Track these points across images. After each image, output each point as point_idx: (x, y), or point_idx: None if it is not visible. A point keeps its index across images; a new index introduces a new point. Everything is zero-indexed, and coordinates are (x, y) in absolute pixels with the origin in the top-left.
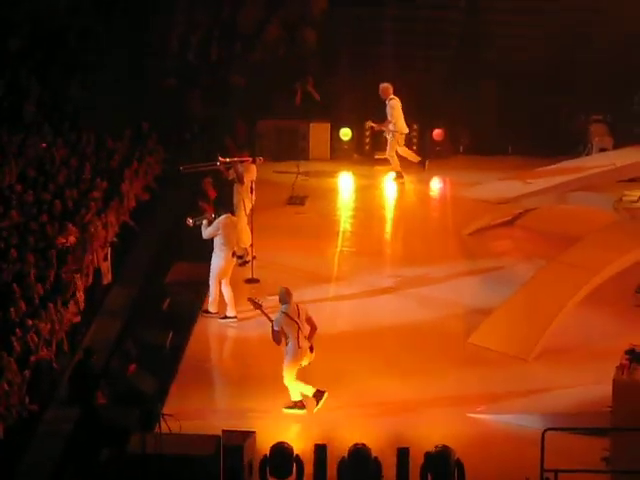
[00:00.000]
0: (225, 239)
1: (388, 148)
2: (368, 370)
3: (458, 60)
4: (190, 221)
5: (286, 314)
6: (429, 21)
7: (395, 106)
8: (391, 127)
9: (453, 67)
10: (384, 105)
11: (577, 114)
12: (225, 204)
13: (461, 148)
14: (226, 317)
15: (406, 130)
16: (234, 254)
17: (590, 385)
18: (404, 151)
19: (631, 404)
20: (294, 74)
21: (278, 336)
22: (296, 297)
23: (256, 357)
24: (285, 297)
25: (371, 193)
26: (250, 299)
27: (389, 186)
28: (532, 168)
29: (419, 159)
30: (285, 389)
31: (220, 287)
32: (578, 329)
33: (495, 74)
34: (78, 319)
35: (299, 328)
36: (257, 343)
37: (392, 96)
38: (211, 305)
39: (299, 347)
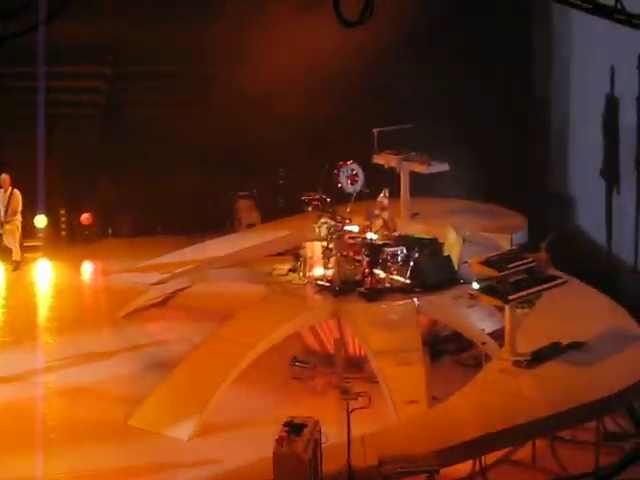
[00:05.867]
0: None
1: (13, 238)
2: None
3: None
4: None
5: None
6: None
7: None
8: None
9: (99, 150)
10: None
11: (225, 192)
12: None
13: (110, 230)
14: None
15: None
16: None
17: (251, 459)
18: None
19: (291, 475)
20: None
21: None
22: None
23: None
24: None
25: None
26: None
27: (31, 275)
28: (182, 247)
29: (19, 260)
30: None
31: None
32: (237, 404)
33: (137, 157)
34: None
35: None
36: None
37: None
38: None
39: None
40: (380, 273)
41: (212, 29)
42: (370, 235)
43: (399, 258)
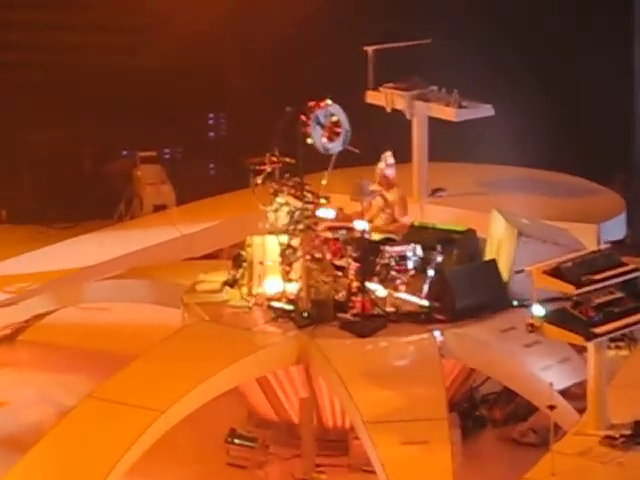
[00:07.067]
0: None
1: None
2: None
3: None
4: None
5: None
6: None
7: None
8: None
9: None
10: None
11: (117, 151)
12: None
13: None
14: None
15: None
16: None
17: None
18: None
19: None
20: None
21: None
22: None
23: None
24: None
25: None
26: None
27: None
28: (41, 245)
29: None
30: None
31: None
32: None
33: None
34: None
35: None
36: None
37: None
38: None
39: None
40: (378, 289)
41: None
42: (361, 225)
43: (410, 264)
